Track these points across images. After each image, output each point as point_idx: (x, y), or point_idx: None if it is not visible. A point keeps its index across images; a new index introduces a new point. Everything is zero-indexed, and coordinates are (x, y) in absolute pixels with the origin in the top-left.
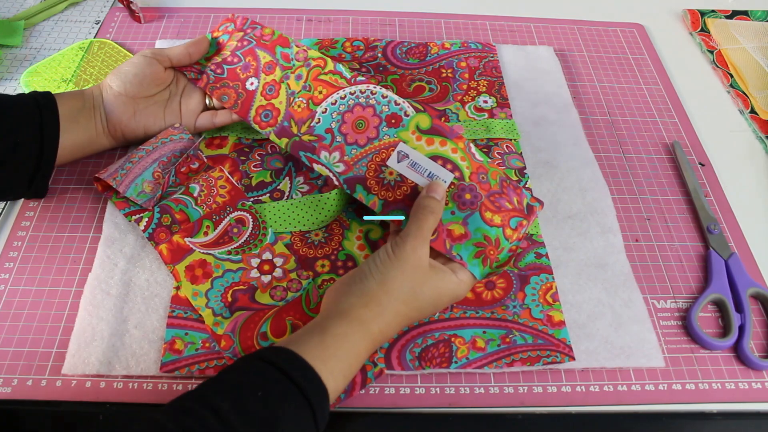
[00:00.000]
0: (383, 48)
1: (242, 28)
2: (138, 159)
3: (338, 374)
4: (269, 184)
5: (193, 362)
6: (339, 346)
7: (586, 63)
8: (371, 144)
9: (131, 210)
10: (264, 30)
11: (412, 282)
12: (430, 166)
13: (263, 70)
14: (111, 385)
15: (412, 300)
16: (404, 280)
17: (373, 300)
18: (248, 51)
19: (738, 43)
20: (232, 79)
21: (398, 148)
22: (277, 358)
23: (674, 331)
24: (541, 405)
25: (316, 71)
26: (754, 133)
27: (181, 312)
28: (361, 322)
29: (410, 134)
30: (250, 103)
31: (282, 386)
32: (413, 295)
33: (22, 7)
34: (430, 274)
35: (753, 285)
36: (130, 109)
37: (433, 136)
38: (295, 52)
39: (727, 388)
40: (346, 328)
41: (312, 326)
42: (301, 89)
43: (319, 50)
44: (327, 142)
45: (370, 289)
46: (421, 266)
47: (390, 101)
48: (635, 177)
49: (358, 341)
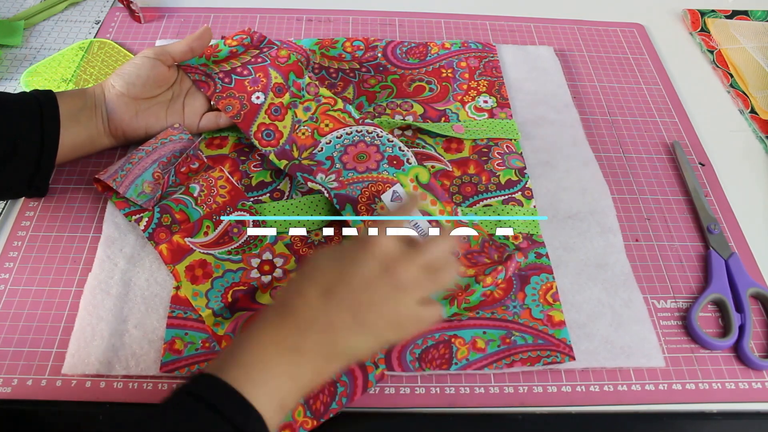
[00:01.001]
0: (383, 48)
1: (258, 45)
2: (138, 160)
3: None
4: (269, 184)
5: (193, 362)
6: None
7: (586, 63)
8: (369, 173)
9: (131, 210)
10: (280, 51)
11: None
12: (418, 216)
13: (272, 89)
14: (111, 385)
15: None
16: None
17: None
18: (261, 68)
19: (738, 43)
20: (238, 90)
21: (394, 188)
22: (205, 391)
23: (674, 331)
24: (541, 405)
25: (325, 107)
26: (754, 133)
27: (181, 312)
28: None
29: (408, 180)
30: (253, 117)
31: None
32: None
33: (22, 7)
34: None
35: (753, 285)
36: (132, 110)
37: (427, 192)
38: (307, 83)
39: (727, 388)
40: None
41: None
42: (307, 119)
43: (319, 50)
44: (326, 167)
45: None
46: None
47: (395, 146)
48: (635, 177)
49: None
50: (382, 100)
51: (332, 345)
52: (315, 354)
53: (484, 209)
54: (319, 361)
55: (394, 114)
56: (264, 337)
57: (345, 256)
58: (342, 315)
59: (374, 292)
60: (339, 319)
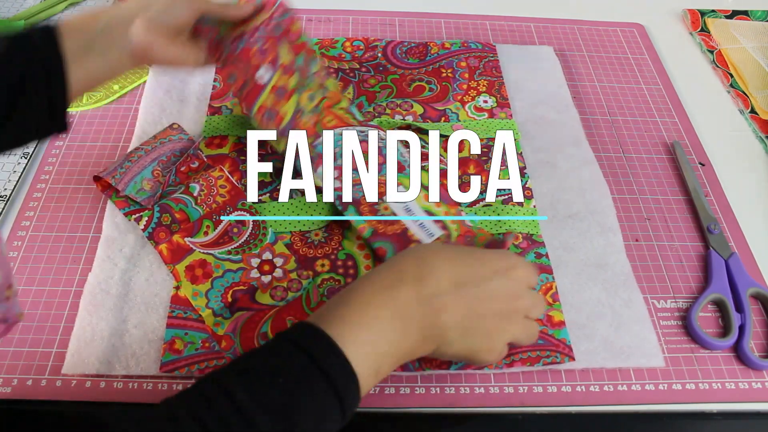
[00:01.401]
0: (383, 48)
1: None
2: (137, 158)
3: (366, 358)
4: (269, 184)
5: (193, 362)
6: (363, 321)
7: (586, 63)
8: None
9: (131, 209)
10: (293, 26)
11: (447, 254)
12: (423, 216)
13: (280, 67)
14: (111, 384)
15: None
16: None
17: (398, 274)
18: (271, 39)
19: (738, 43)
20: (244, 58)
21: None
22: (304, 339)
23: (674, 331)
24: (541, 405)
25: (328, 102)
26: (754, 133)
27: (181, 312)
28: (383, 293)
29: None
30: (256, 96)
31: (306, 372)
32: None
33: (22, 7)
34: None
35: (753, 285)
36: (159, 38)
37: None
38: (316, 70)
39: (727, 388)
40: (370, 297)
41: (336, 297)
42: (310, 111)
43: (319, 50)
44: None
45: (398, 263)
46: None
47: (400, 152)
48: (635, 177)
49: (379, 311)
50: (382, 100)
51: (434, 328)
52: (417, 330)
53: (484, 209)
54: (416, 337)
55: (394, 114)
56: (377, 297)
57: (486, 263)
58: (457, 306)
59: (491, 308)
60: (453, 308)
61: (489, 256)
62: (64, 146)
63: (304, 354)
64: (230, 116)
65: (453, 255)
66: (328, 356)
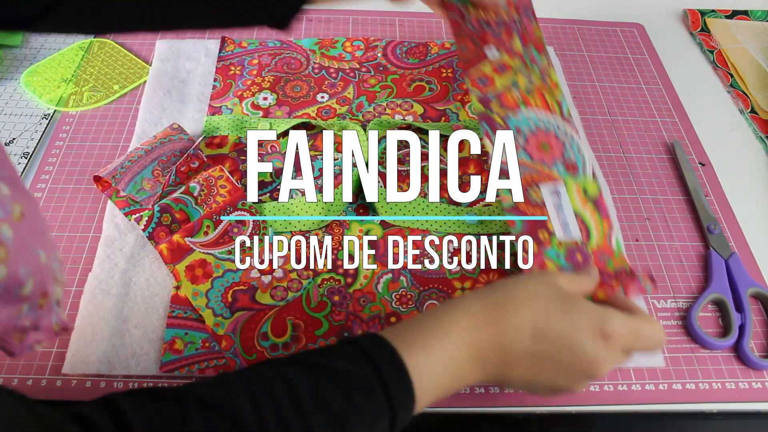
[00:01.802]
0: (383, 48)
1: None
2: (137, 158)
3: (429, 387)
4: (269, 184)
5: (193, 362)
6: (439, 354)
7: (586, 63)
8: (540, 164)
9: (131, 209)
10: (531, 25)
11: (538, 303)
12: (569, 217)
13: (508, 51)
14: (111, 384)
15: (535, 333)
16: (529, 298)
17: (485, 310)
18: (508, 30)
19: (738, 43)
20: (480, 37)
21: (557, 184)
22: (374, 350)
23: (674, 330)
24: (541, 405)
25: (544, 87)
26: (754, 133)
27: (181, 312)
28: (463, 327)
29: (575, 187)
30: (477, 63)
31: (367, 382)
32: (535, 326)
33: None
34: (567, 302)
35: (753, 285)
36: None
37: (591, 203)
38: (543, 65)
39: (727, 388)
40: (449, 329)
41: (415, 318)
42: (524, 87)
43: (319, 50)
44: None
45: (488, 296)
46: (554, 286)
47: (580, 152)
48: (635, 177)
49: (454, 345)
50: (382, 100)
51: (500, 375)
52: (484, 372)
53: (484, 209)
54: (480, 377)
55: (394, 114)
56: (460, 334)
57: (575, 309)
58: (533, 364)
59: (571, 371)
60: (526, 365)
61: (583, 308)
62: (64, 146)
63: (370, 365)
64: (230, 116)
65: (544, 294)
66: (393, 373)
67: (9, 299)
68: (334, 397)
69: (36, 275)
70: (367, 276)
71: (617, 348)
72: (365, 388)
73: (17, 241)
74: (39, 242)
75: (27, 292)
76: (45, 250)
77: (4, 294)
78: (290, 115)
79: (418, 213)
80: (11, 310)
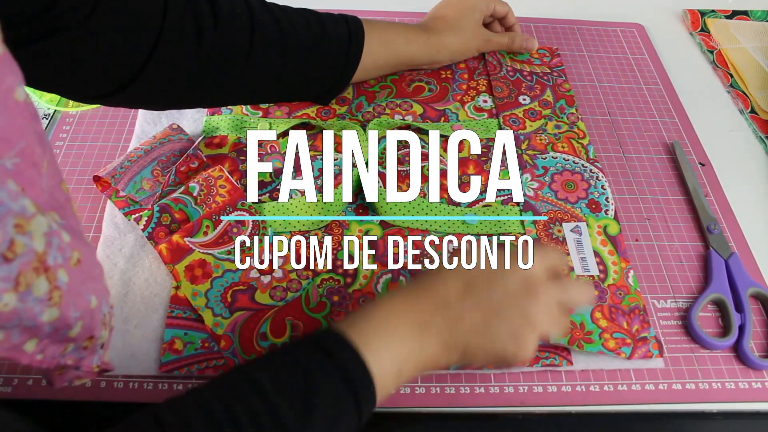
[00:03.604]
0: None
1: (551, 65)
2: (136, 158)
3: (384, 360)
4: (269, 184)
5: (193, 362)
6: (381, 327)
7: (586, 63)
8: (565, 203)
9: (131, 209)
10: (564, 83)
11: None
12: (588, 254)
13: (540, 101)
14: (111, 384)
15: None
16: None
17: (414, 287)
18: (541, 83)
19: (738, 43)
20: (516, 84)
21: (579, 223)
22: (324, 340)
23: (674, 330)
24: (541, 405)
25: (572, 135)
26: (754, 133)
27: (181, 312)
28: (400, 304)
29: (596, 226)
30: (512, 108)
31: (323, 367)
32: (463, 281)
33: None
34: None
35: (753, 285)
36: None
37: (609, 240)
38: (572, 117)
39: (727, 388)
40: (390, 307)
41: (362, 307)
42: (551, 134)
43: None
44: (538, 172)
45: (418, 279)
46: None
47: (605, 192)
48: (635, 177)
49: (402, 324)
50: (381, 100)
51: (454, 336)
52: (437, 338)
53: (484, 209)
54: (438, 346)
55: (393, 114)
56: (396, 306)
57: (500, 269)
58: (473, 313)
59: (509, 306)
60: (469, 315)
61: (498, 257)
62: (64, 146)
63: (322, 351)
64: (230, 116)
65: (468, 270)
66: (344, 352)
67: (56, 339)
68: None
69: (85, 319)
70: (366, 276)
71: (548, 297)
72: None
73: (71, 286)
74: (91, 288)
75: (74, 333)
76: (96, 295)
77: (53, 333)
78: (290, 115)
79: (417, 213)
80: (57, 348)
